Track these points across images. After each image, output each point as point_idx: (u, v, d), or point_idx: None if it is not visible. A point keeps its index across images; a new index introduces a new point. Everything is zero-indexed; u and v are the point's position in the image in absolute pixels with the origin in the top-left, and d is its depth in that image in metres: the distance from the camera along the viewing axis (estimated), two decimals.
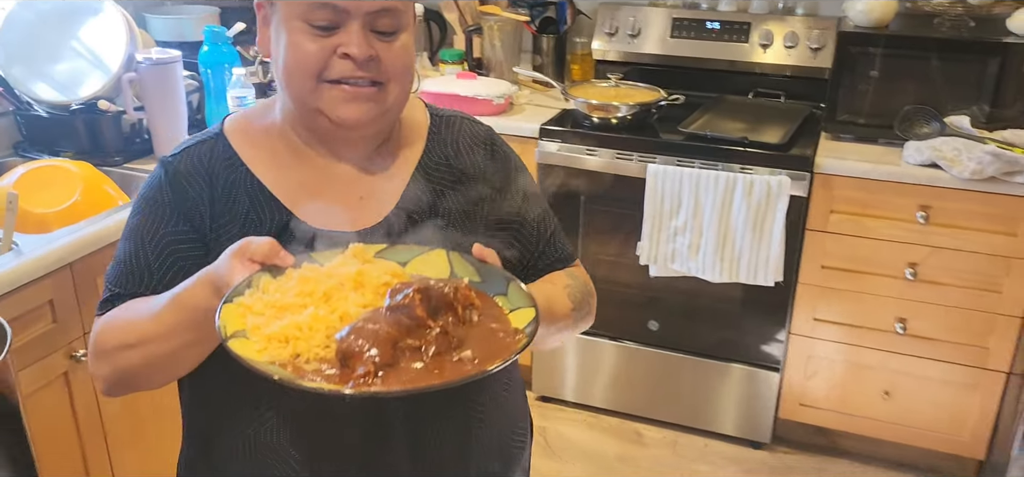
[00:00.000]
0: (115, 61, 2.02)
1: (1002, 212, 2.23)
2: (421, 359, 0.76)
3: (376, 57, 0.92)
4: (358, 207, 1.01)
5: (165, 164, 1.02)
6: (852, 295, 2.44)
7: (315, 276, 0.84)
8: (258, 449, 0.98)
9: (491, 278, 0.89)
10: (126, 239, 1.01)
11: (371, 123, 0.96)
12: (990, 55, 2.30)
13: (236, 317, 0.78)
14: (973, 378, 2.42)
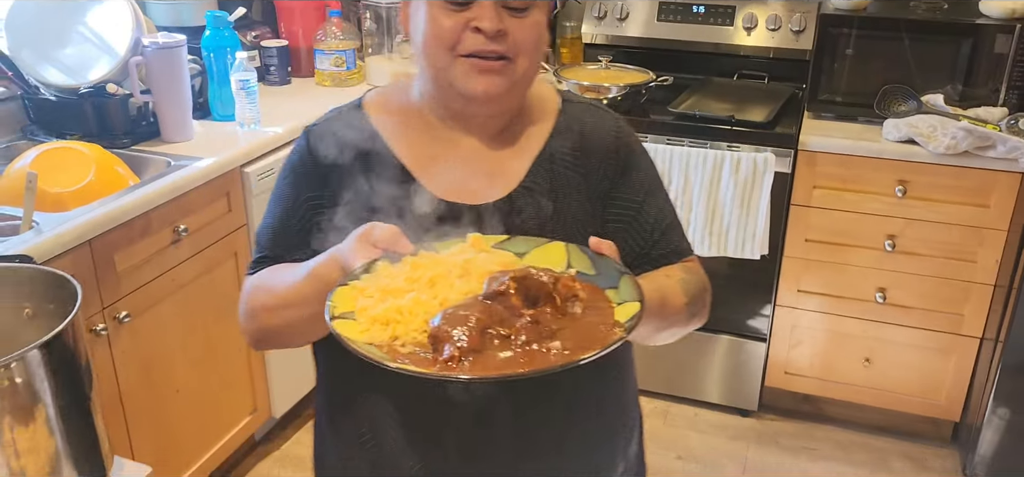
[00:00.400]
0: (122, 45, 2.07)
1: (975, 185, 2.34)
2: (510, 347, 0.77)
3: (505, 32, 0.96)
4: (485, 182, 1.05)
5: (308, 132, 1.07)
6: (834, 267, 2.55)
7: (424, 263, 0.86)
8: (373, 428, 1.04)
9: (606, 271, 0.88)
10: (273, 202, 1.08)
11: (499, 97, 1.00)
12: (963, 36, 2.40)
13: (347, 299, 0.83)
14: (948, 344, 2.54)
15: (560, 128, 1.09)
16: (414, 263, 0.86)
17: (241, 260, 2.23)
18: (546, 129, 1.09)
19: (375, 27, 2.91)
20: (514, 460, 1.03)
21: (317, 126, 1.08)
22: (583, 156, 1.08)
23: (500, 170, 1.06)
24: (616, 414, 1.14)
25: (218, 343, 2.21)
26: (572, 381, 1.02)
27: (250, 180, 2.19)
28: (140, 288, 1.89)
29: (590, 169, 1.08)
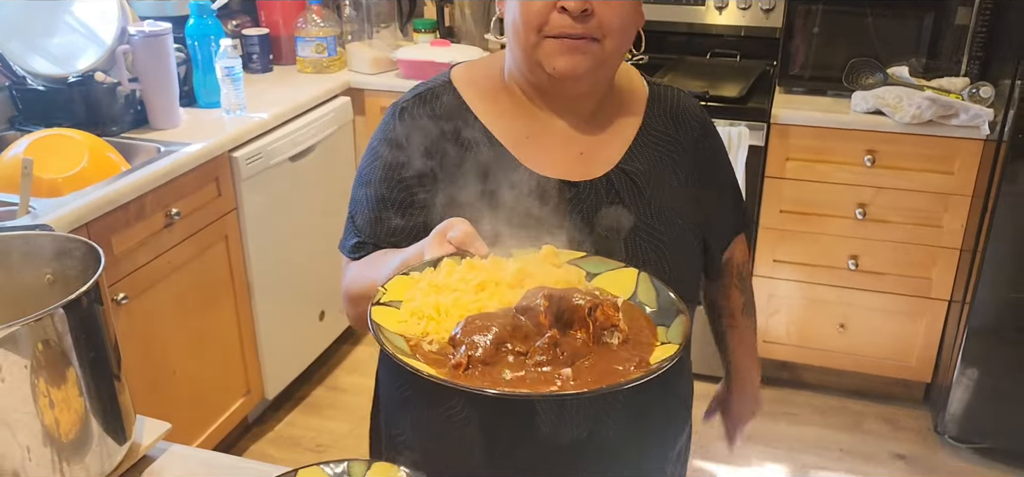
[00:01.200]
0: (109, 34, 2.10)
1: (940, 153, 2.44)
2: (522, 367, 0.76)
3: (590, 12, 0.96)
4: (581, 163, 1.06)
5: (398, 109, 1.07)
6: (808, 236, 2.64)
7: (480, 266, 0.85)
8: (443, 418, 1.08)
9: (667, 308, 0.86)
10: (362, 185, 1.08)
11: (585, 75, 1.00)
12: (925, 10, 2.50)
13: (402, 287, 0.84)
14: (918, 308, 2.64)
15: (651, 112, 1.12)
16: (470, 264, 0.86)
17: (232, 244, 2.27)
18: (638, 113, 1.11)
19: (355, 14, 2.95)
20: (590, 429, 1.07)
21: (406, 103, 1.07)
22: (675, 139, 1.11)
23: (595, 152, 1.07)
24: (685, 384, 1.23)
25: (211, 326, 2.25)
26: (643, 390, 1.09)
27: (239, 165, 2.23)
28: (137, 270, 1.92)
29: (682, 151, 1.11)
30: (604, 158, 1.07)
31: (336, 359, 2.99)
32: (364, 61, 2.84)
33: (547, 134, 1.07)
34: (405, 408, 1.14)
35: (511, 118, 1.07)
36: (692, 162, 1.12)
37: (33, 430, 0.87)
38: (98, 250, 0.95)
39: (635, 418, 1.10)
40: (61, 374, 0.89)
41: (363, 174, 1.09)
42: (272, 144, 2.36)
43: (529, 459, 1.08)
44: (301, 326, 2.68)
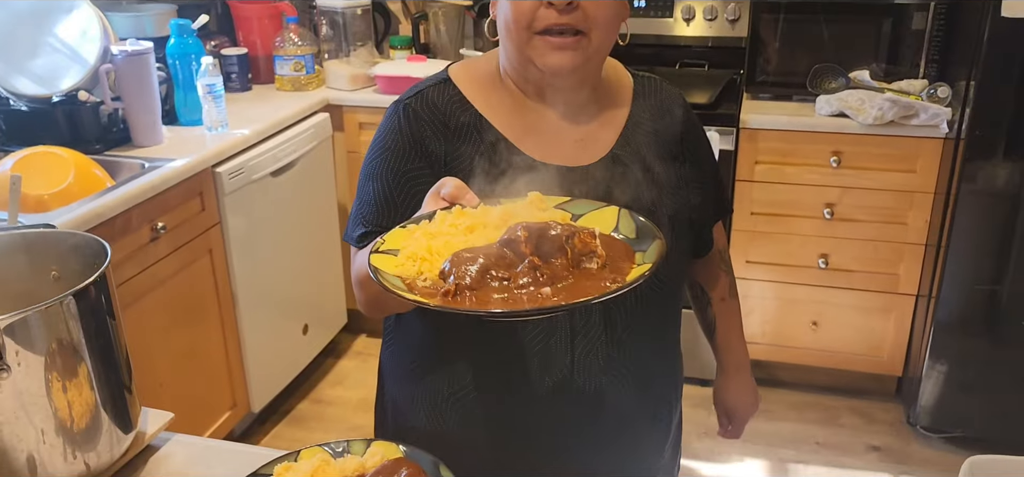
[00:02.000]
0: (92, 54, 2.12)
1: (902, 152, 2.54)
2: (507, 291, 0.82)
3: (576, 5, 1.02)
4: (578, 149, 1.12)
5: (401, 106, 1.12)
6: (779, 237, 2.72)
7: (469, 212, 0.92)
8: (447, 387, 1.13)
9: (645, 236, 0.92)
10: (369, 179, 1.12)
11: (574, 69, 1.06)
12: (883, 16, 2.61)
13: (399, 238, 0.90)
14: (887, 303, 2.72)
15: (638, 101, 1.18)
16: (459, 211, 0.92)
17: (216, 258, 2.30)
18: (626, 102, 1.18)
19: (332, 32, 3.00)
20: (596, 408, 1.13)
21: (410, 100, 1.12)
22: (662, 126, 1.18)
23: (590, 139, 1.13)
24: (677, 361, 1.29)
25: (197, 339, 2.27)
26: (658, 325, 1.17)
27: (222, 180, 2.26)
28: (123, 284, 1.94)
29: (670, 137, 1.18)
30: (598, 145, 1.13)
31: (320, 373, 3.01)
32: (342, 78, 2.89)
33: (543, 125, 1.13)
34: (409, 381, 1.19)
35: (508, 111, 1.13)
36: (678, 147, 1.19)
37: (47, 414, 0.90)
38: (104, 244, 0.99)
39: (635, 385, 1.15)
40: (72, 361, 0.92)
41: (368, 168, 1.14)
42: (254, 159, 2.40)
43: (532, 429, 1.13)
44: (285, 340, 2.70)
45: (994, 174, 2.34)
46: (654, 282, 1.11)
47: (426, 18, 3.11)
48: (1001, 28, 2.19)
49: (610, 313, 1.11)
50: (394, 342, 1.23)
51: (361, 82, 2.90)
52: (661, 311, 1.18)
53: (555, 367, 1.10)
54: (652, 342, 1.18)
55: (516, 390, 1.12)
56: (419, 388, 1.17)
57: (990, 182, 2.35)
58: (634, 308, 1.13)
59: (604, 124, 1.15)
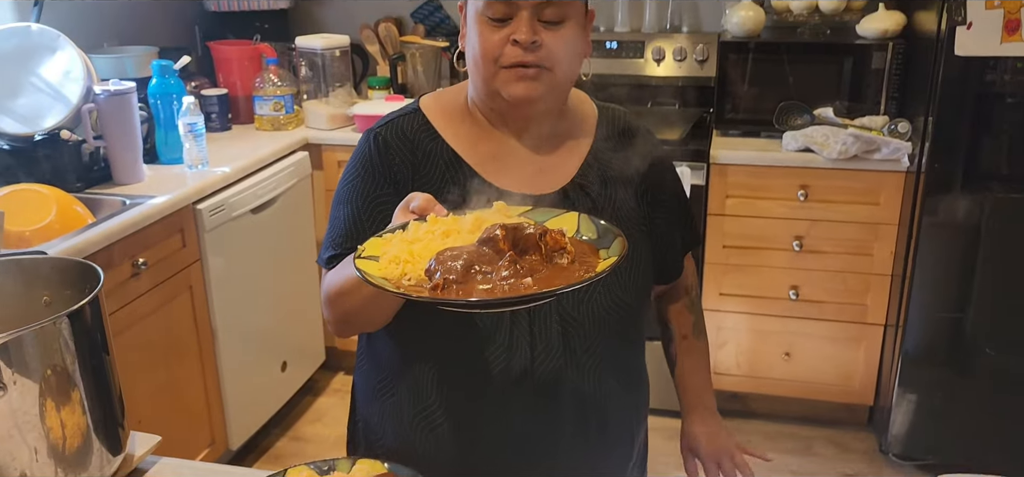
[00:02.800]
0: (75, 94, 2.15)
1: (866, 186, 2.63)
2: (491, 283, 0.88)
3: (540, 43, 1.08)
4: (542, 178, 1.18)
5: (372, 135, 1.17)
6: (751, 269, 2.78)
7: (442, 220, 0.98)
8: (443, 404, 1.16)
9: (606, 236, 0.98)
10: (339, 205, 1.17)
11: (539, 100, 1.12)
12: (845, 55, 2.72)
13: (378, 245, 0.95)
14: (857, 333, 2.79)
15: (602, 132, 1.24)
16: (433, 219, 0.98)
17: (196, 294, 2.31)
18: (590, 132, 1.24)
19: (311, 73, 3.05)
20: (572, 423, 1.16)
21: (381, 129, 1.18)
22: (625, 156, 1.23)
23: (552, 168, 1.19)
24: (641, 385, 1.31)
25: (176, 376, 2.28)
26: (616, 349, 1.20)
27: (202, 216, 2.29)
28: None
29: (631, 166, 1.23)
30: (560, 174, 1.19)
31: (298, 410, 3.00)
32: (321, 118, 2.94)
33: (508, 154, 1.18)
34: (378, 400, 1.23)
35: (475, 140, 1.18)
36: (641, 175, 1.24)
37: (40, 434, 0.92)
38: (97, 269, 1.01)
39: (596, 406, 1.19)
40: (65, 382, 0.95)
41: (340, 193, 1.19)
42: (234, 197, 2.43)
43: (495, 448, 1.16)
44: (264, 377, 2.71)
45: (954, 205, 2.43)
46: (614, 305, 1.16)
47: (404, 59, 3.18)
48: (954, 66, 2.29)
49: (569, 337, 1.14)
50: (364, 361, 1.27)
51: (339, 121, 2.95)
52: (622, 334, 1.21)
53: (517, 390, 1.14)
54: (613, 364, 1.20)
55: (479, 410, 1.15)
56: (387, 406, 1.21)
57: (950, 213, 2.44)
58: (594, 332, 1.16)
59: (567, 154, 1.21)
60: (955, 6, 2.24)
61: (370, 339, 1.24)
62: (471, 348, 1.13)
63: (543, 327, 1.13)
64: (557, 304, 1.13)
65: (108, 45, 2.78)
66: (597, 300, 1.16)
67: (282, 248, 2.71)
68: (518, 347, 1.13)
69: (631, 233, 1.20)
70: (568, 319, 1.14)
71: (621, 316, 1.18)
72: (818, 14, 2.84)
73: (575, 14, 1.12)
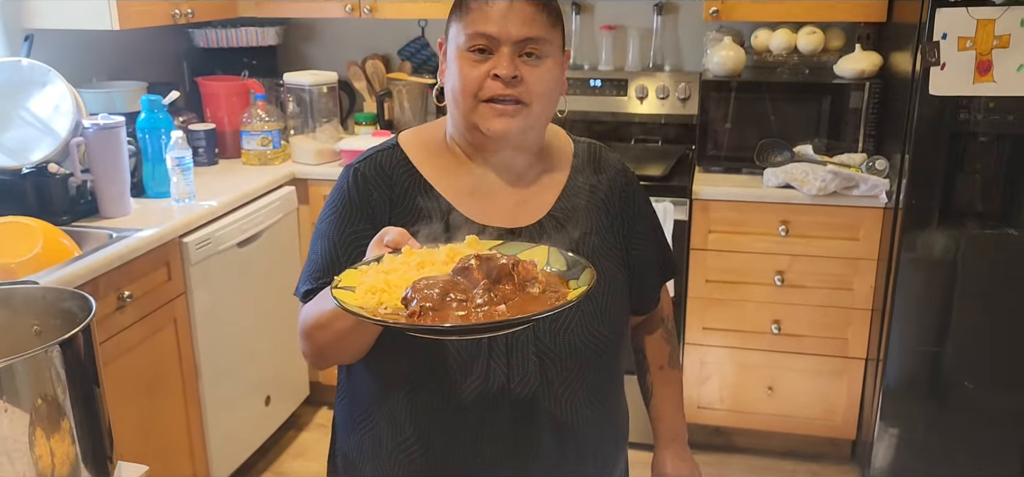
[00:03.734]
0: (63, 127, 2.17)
1: (846, 221, 2.67)
2: (466, 310, 0.91)
3: (521, 78, 1.12)
4: (517, 212, 1.20)
5: (352, 169, 1.20)
6: (734, 303, 2.81)
7: (416, 252, 1.01)
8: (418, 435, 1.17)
9: (575, 267, 1.02)
10: (317, 238, 1.20)
11: (516, 135, 1.16)
12: (823, 94, 2.78)
13: (354, 277, 0.98)
14: (839, 367, 2.82)
15: (577, 166, 1.27)
16: (408, 251, 1.00)
17: (181, 327, 2.31)
18: (565, 167, 1.26)
19: (298, 109, 3.08)
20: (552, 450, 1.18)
21: (360, 165, 1.20)
22: (599, 187, 1.26)
23: (528, 202, 1.21)
24: (623, 413, 1.32)
25: (159, 409, 2.26)
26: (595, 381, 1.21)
27: (188, 250, 2.29)
28: None
29: (609, 201, 1.26)
30: (536, 207, 1.22)
31: (281, 445, 2.99)
32: (308, 153, 2.96)
33: (485, 188, 1.21)
34: (356, 432, 1.23)
35: (453, 175, 1.21)
36: (616, 208, 1.27)
37: (29, 462, 0.93)
38: (88, 298, 1.03)
39: (574, 440, 1.20)
40: (55, 411, 0.95)
41: (319, 228, 1.21)
42: (220, 230, 2.44)
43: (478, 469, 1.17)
44: (247, 411, 2.70)
45: (931, 241, 2.48)
46: (590, 336, 1.18)
47: (390, 96, 3.21)
48: (929, 105, 2.35)
49: (546, 368, 1.16)
50: (344, 395, 1.28)
51: (326, 157, 2.97)
52: (598, 368, 1.22)
53: (493, 422, 1.15)
54: (590, 398, 1.22)
55: (455, 440, 1.16)
56: (365, 438, 1.22)
57: (928, 248, 2.48)
58: (570, 363, 1.18)
59: (543, 188, 1.23)
60: (929, 48, 2.31)
61: (349, 372, 1.26)
62: (447, 379, 1.15)
63: (520, 358, 1.15)
64: (533, 335, 1.15)
65: (98, 80, 2.80)
66: (573, 331, 1.17)
67: (267, 282, 2.71)
68: (494, 378, 1.14)
69: (607, 265, 1.22)
70: (544, 350, 1.15)
71: (597, 347, 1.20)
72: (797, 54, 2.91)
73: (554, 52, 1.16)
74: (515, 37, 1.12)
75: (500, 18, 1.12)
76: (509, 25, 1.11)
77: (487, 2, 1.12)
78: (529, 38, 1.12)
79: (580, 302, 0.94)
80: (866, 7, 2.73)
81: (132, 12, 2.50)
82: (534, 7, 1.13)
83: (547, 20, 1.14)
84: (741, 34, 3.04)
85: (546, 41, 1.14)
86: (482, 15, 1.12)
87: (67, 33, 2.62)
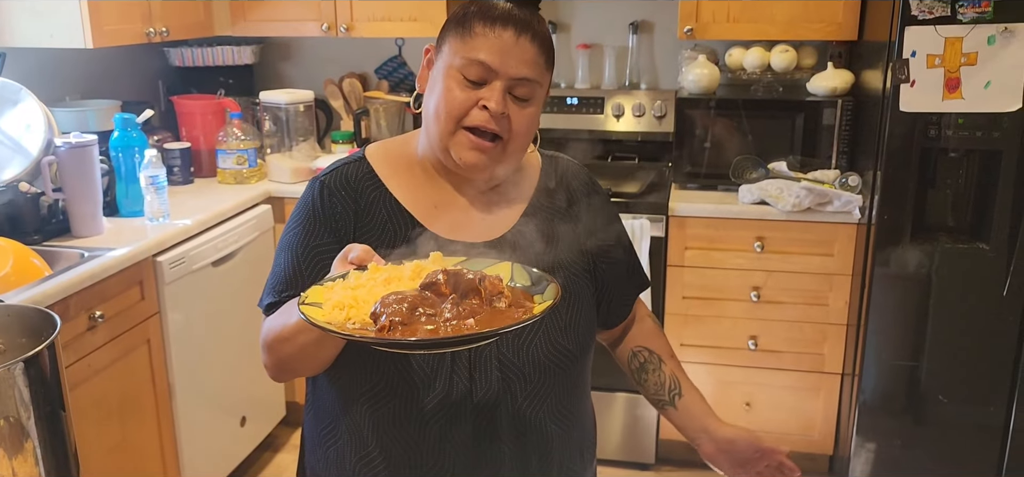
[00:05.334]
0: (35, 146, 2.15)
1: (820, 237, 2.70)
2: (435, 323, 0.92)
3: (507, 115, 1.12)
4: (483, 227, 1.20)
5: (318, 182, 1.19)
6: (710, 320, 2.83)
7: (382, 268, 1.01)
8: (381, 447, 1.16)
9: (540, 283, 1.03)
10: (281, 251, 1.19)
11: (485, 170, 1.16)
12: (797, 112, 2.81)
13: (320, 293, 0.98)
14: (815, 382, 2.84)
15: (544, 180, 1.27)
16: (374, 267, 1.01)
17: (154, 347, 2.28)
18: (532, 181, 1.26)
19: (275, 128, 3.07)
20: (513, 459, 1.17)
21: (325, 178, 1.19)
22: (564, 200, 1.26)
23: (495, 217, 1.22)
24: (590, 427, 1.32)
25: (131, 430, 2.23)
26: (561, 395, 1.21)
27: (162, 269, 2.27)
28: None
29: (571, 209, 1.26)
30: (502, 221, 1.22)
31: (257, 467, 2.95)
32: (284, 171, 2.95)
33: (452, 203, 1.21)
34: (322, 447, 1.23)
35: (420, 189, 1.20)
36: (582, 221, 1.27)
37: None
38: (53, 316, 1.01)
39: (538, 455, 1.21)
40: (17, 432, 0.93)
41: (283, 240, 1.21)
42: (195, 249, 2.42)
43: None
44: (222, 432, 2.66)
45: (904, 255, 2.50)
46: (554, 350, 1.18)
47: (367, 114, 3.21)
48: (899, 122, 2.39)
49: (509, 381, 1.15)
50: (311, 408, 1.27)
51: (303, 175, 2.96)
52: (563, 382, 1.22)
53: (456, 435, 1.15)
54: (555, 411, 1.22)
55: (417, 453, 1.16)
56: (330, 453, 1.22)
57: (901, 263, 2.51)
58: (534, 377, 1.17)
59: (509, 202, 1.23)
60: (899, 65, 2.35)
61: (314, 388, 1.25)
62: (410, 392, 1.14)
63: (483, 371, 1.14)
64: (496, 349, 1.15)
65: (71, 99, 2.78)
66: (537, 345, 1.17)
67: (243, 301, 2.69)
68: (457, 391, 1.14)
69: (572, 279, 1.22)
70: (507, 364, 1.15)
71: (562, 361, 1.20)
72: (770, 72, 2.94)
73: (541, 96, 1.16)
74: (512, 74, 1.11)
75: (502, 52, 1.11)
76: (509, 60, 1.11)
77: (494, 31, 1.11)
78: (525, 78, 1.12)
79: (545, 316, 0.95)
80: (837, 26, 2.77)
81: (106, 31, 2.48)
82: (536, 49, 1.13)
83: (545, 64, 1.15)
84: (715, 52, 3.07)
85: (538, 84, 1.14)
86: (485, 43, 1.11)
87: (40, 51, 2.60)
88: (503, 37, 1.11)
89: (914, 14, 2.31)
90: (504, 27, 1.11)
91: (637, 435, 2.95)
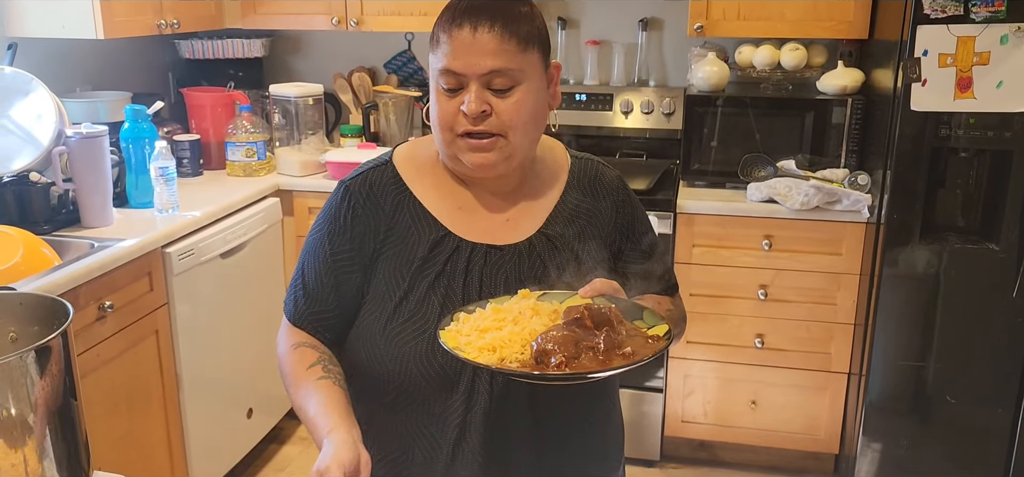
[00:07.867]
0: (46, 136, 2.15)
1: (828, 236, 2.69)
2: (596, 356, 1.00)
3: (489, 111, 1.10)
4: (508, 229, 1.20)
5: (343, 186, 1.20)
6: (717, 318, 2.82)
7: (505, 307, 1.08)
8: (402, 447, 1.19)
9: (626, 309, 1.09)
10: (307, 253, 1.21)
11: (495, 167, 1.15)
12: (806, 110, 2.80)
13: (452, 337, 1.05)
14: (821, 382, 2.83)
15: (572, 181, 1.25)
16: (495, 308, 1.08)
17: (162, 338, 2.29)
18: (560, 182, 1.25)
19: (284, 121, 3.07)
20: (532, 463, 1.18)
21: (351, 182, 1.20)
22: (594, 205, 1.25)
23: (519, 218, 1.21)
24: (615, 432, 1.33)
25: (138, 421, 2.24)
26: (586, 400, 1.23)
27: (171, 260, 2.28)
28: None
29: (602, 216, 1.25)
30: (527, 224, 1.21)
31: (263, 459, 2.96)
32: (293, 164, 2.95)
33: (476, 206, 1.21)
34: None
35: (444, 192, 1.21)
36: (611, 224, 1.26)
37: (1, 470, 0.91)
38: (66, 305, 1.02)
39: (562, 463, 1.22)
40: (30, 418, 0.94)
41: (309, 243, 1.22)
42: (204, 241, 2.42)
43: None
44: (229, 424, 2.67)
45: (913, 255, 2.49)
46: None
47: (376, 108, 3.22)
48: (910, 121, 2.38)
49: (534, 394, 1.16)
50: None
51: (312, 168, 2.97)
52: (589, 386, 1.20)
53: (472, 441, 1.15)
54: (579, 420, 1.22)
55: (434, 463, 1.16)
56: None
57: (910, 263, 2.50)
58: (560, 386, 1.17)
59: (534, 204, 1.22)
60: (911, 64, 2.34)
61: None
62: (431, 398, 1.15)
63: (504, 398, 1.15)
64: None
65: (82, 90, 2.79)
66: None
67: (251, 293, 2.70)
68: (478, 398, 1.15)
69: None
70: (535, 386, 1.14)
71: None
72: (780, 70, 2.93)
73: (529, 76, 1.12)
74: (479, 71, 1.09)
75: (464, 52, 1.09)
76: (473, 59, 1.09)
77: (452, 34, 1.10)
78: (495, 70, 1.09)
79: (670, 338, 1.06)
80: (848, 24, 2.76)
81: (117, 22, 2.49)
82: (498, 37, 1.09)
83: (516, 47, 1.10)
84: (725, 50, 3.06)
85: (516, 69, 1.11)
86: (449, 49, 1.11)
87: (51, 42, 2.61)
88: (461, 38, 1.09)
89: (926, 13, 2.30)
90: (460, 26, 1.10)
91: (643, 433, 2.95)
